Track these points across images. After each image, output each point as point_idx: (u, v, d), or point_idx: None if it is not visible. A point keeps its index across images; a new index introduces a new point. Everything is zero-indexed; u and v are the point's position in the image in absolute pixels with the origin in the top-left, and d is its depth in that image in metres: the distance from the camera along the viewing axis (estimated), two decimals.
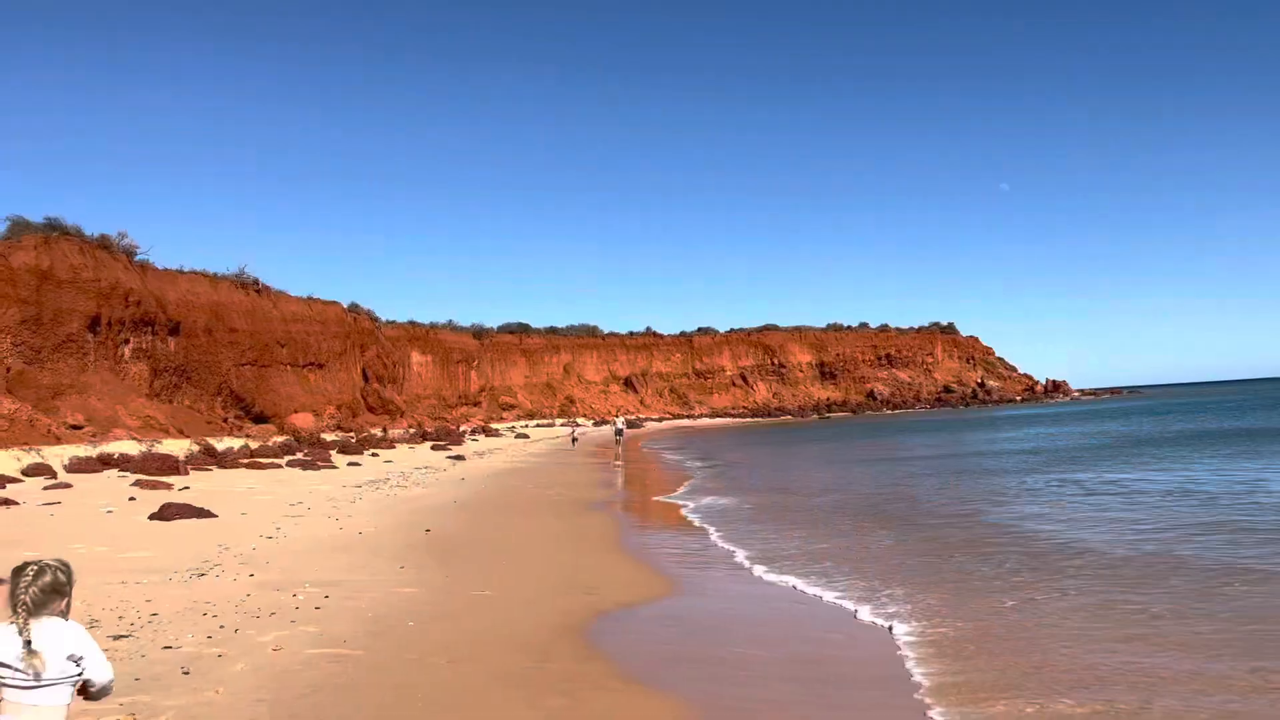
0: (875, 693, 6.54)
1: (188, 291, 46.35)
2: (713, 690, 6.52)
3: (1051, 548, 12.50)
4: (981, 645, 7.56)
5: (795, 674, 6.99)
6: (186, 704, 5.69)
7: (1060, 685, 6.41)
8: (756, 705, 6.21)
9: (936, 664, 7.06)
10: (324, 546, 12.77)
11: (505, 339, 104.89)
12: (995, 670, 6.86)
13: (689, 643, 8.01)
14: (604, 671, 6.90)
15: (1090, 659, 7.08)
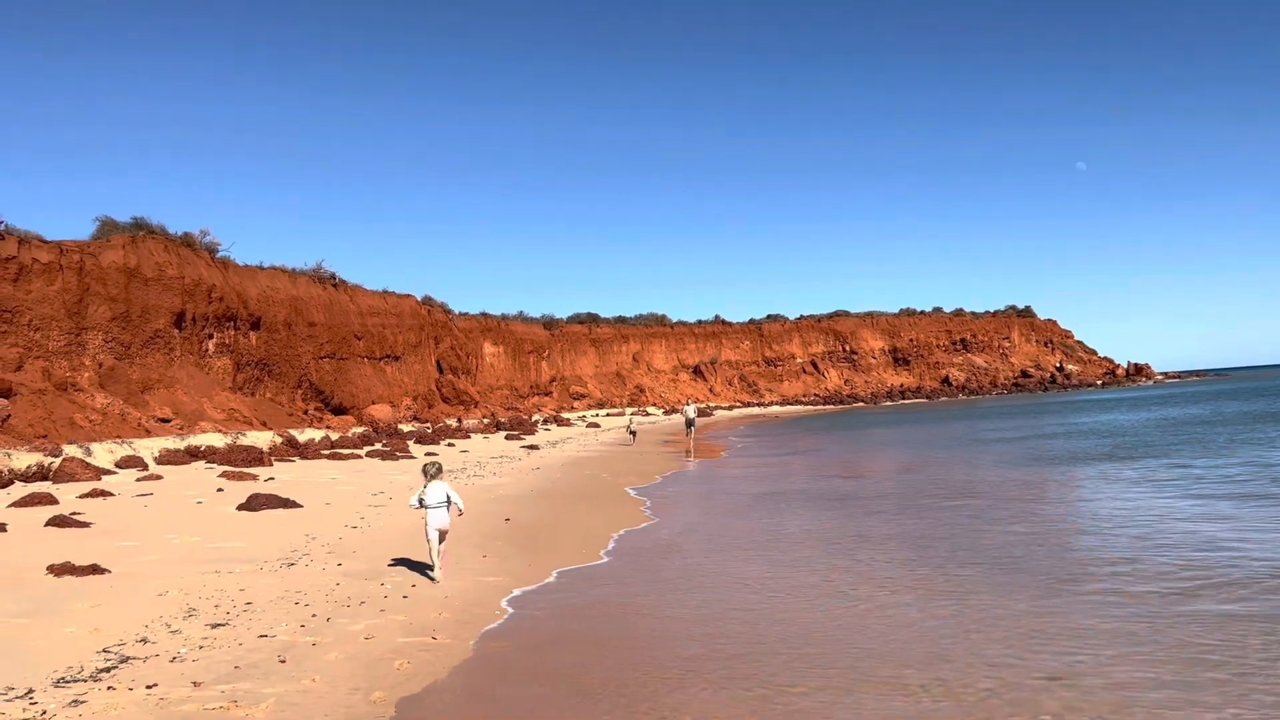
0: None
1: (267, 287, 47.40)
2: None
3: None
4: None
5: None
6: (285, 691, 5.82)
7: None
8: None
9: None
10: (408, 536, 12.97)
11: (575, 329, 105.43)
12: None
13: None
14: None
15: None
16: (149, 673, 6.15)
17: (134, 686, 5.84)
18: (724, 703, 5.84)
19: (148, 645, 6.88)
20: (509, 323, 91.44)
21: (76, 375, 32.24)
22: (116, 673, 6.14)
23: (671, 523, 14.92)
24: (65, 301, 33.43)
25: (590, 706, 5.77)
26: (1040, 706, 5.63)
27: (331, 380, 50.61)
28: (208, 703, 5.56)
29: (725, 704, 5.81)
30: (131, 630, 7.30)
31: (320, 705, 5.56)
